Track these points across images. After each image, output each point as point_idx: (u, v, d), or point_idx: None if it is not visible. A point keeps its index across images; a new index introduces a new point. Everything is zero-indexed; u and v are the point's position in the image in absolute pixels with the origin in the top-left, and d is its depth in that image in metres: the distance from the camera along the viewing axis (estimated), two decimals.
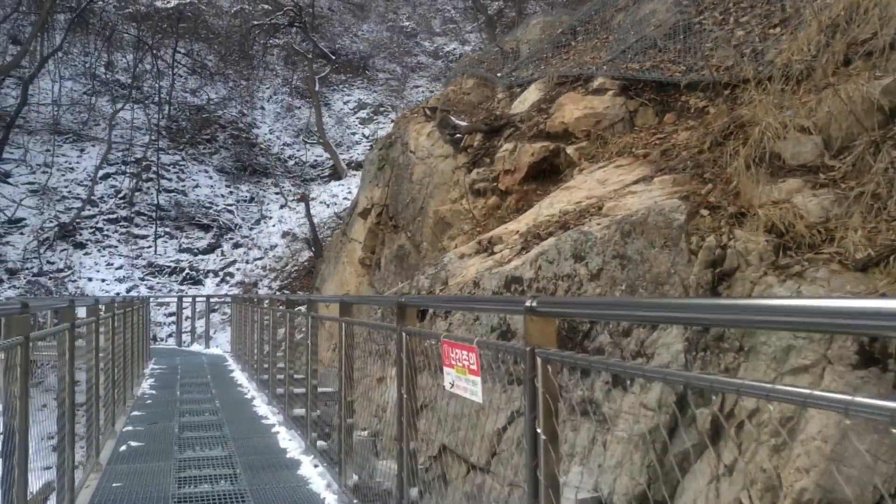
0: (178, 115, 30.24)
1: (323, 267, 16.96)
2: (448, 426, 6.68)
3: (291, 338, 10.01)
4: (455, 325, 7.85)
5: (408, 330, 4.13)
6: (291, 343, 9.97)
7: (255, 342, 13.40)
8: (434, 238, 12.65)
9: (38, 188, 24.45)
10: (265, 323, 12.17)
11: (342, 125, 34.04)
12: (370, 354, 7.53)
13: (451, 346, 3.20)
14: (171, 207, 26.15)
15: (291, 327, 10.04)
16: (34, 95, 26.55)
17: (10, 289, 21.35)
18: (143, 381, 12.92)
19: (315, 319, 8.11)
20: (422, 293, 9.22)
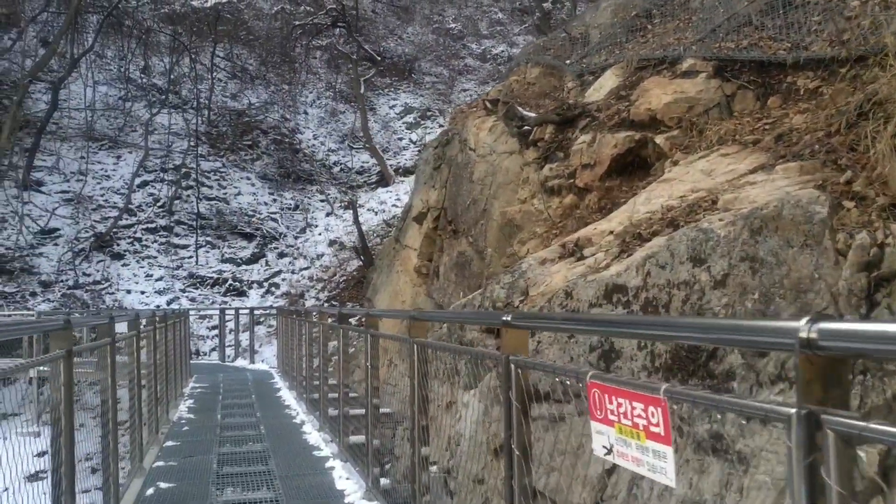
0: (219, 121, 30.01)
1: (374, 276, 16.21)
2: (542, 465, 5.79)
3: (345, 354, 9.22)
4: (545, 344, 6.94)
5: (520, 362, 3.17)
6: (345, 359, 9.19)
7: (303, 358, 12.71)
8: (500, 243, 11.77)
9: (73, 197, 24.31)
10: (314, 337, 11.44)
11: (388, 130, 33.47)
12: (436, 376, 6.72)
13: (610, 393, 2.26)
14: (213, 216, 25.80)
15: (345, 343, 9.25)
16: (66, 101, 26.54)
17: (45, 302, 21.12)
18: (181, 402, 12.29)
19: (376, 338, 7.28)
20: (497, 305, 8.32)
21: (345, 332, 8.95)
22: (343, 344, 9.12)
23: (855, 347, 1.44)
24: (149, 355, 8.85)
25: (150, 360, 8.86)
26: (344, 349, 9.16)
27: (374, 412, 6.93)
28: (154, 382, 9.45)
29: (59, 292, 21.59)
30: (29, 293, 21.36)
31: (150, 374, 9.16)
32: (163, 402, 10.33)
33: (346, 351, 9.19)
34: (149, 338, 9.18)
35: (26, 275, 21.75)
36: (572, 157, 10.48)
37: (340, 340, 9.18)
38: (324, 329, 10.64)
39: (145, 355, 8.52)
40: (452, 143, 14.10)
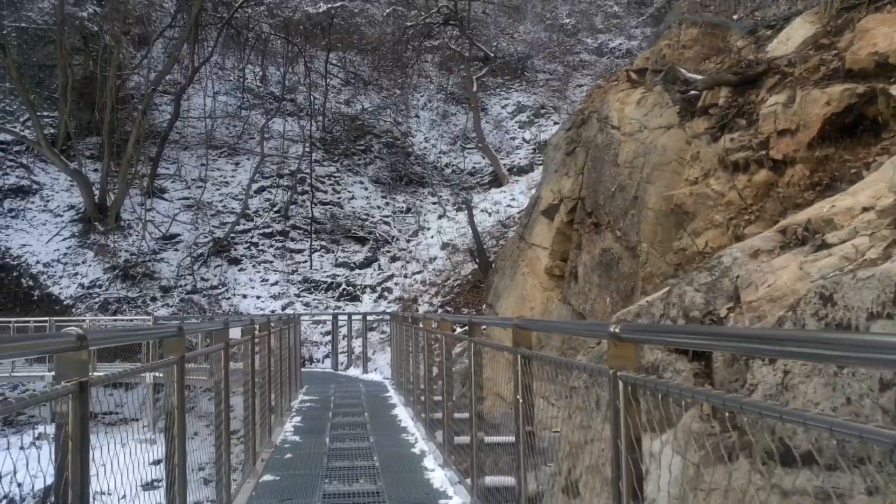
0: (332, 126, 28.47)
1: (496, 280, 13.77)
2: None
3: (477, 370, 6.83)
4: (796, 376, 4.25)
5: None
6: (478, 376, 6.79)
7: (420, 370, 10.48)
8: (659, 235, 9.07)
9: (193, 203, 23.18)
10: (433, 348, 9.18)
11: (500, 130, 31.09)
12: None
13: None
14: (327, 220, 24.14)
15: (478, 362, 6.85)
16: (188, 111, 25.60)
17: (164, 307, 19.92)
18: (287, 419, 10.25)
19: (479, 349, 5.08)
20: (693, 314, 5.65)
21: (478, 348, 6.57)
22: (475, 360, 6.77)
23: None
24: (261, 362, 7.53)
25: (262, 367, 7.67)
26: (476, 367, 6.84)
27: (526, 440, 4.46)
28: (262, 396, 7.65)
29: (177, 297, 20.37)
30: (150, 298, 20.24)
31: (263, 383, 7.85)
32: (265, 424, 8.33)
33: (479, 366, 6.87)
34: (262, 343, 8.29)
35: (148, 280, 20.67)
36: (762, 124, 7.69)
37: (471, 357, 6.81)
38: (448, 341, 8.30)
39: (258, 362, 7.65)
40: (589, 123, 11.49)
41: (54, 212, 21.65)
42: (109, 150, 21.24)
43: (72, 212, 21.75)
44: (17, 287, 19.48)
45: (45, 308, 19.12)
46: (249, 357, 7.88)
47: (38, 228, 20.92)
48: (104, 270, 20.32)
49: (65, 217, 21.54)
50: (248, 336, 7.21)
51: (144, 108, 21.45)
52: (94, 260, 20.46)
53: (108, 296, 19.77)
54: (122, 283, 20.31)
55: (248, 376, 7.35)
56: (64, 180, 22.08)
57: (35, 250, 20.25)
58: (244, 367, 7.47)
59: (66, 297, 19.46)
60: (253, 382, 7.66)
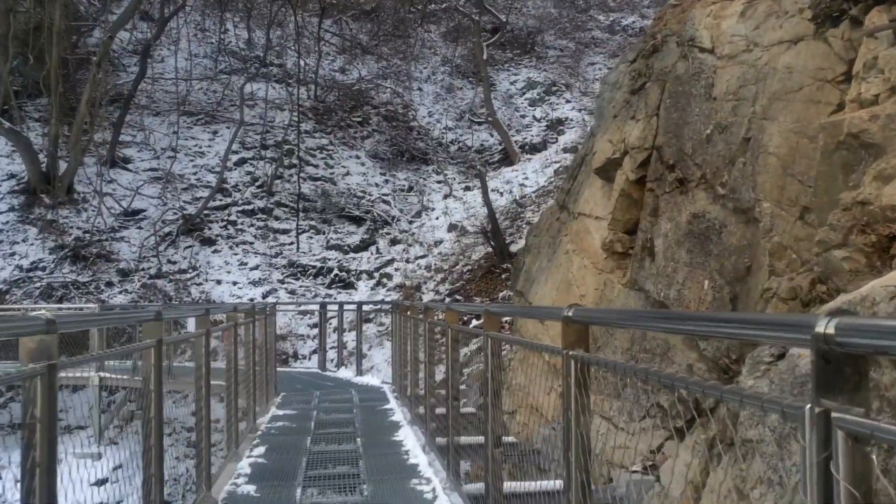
0: (325, 95, 25.39)
1: (527, 261, 10.76)
2: None
3: (497, 374, 4.76)
4: None
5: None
6: (496, 382, 4.79)
7: (429, 377, 7.66)
8: (790, 189, 6.11)
9: (162, 175, 20.07)
10: (446, 346, 6.41)
11: (510, 107, 28.10)
12: None
13: None
14: (318, 197, 21.09)
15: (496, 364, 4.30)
16: (162, 74, 22.47)
17: (122, 293, 16.86)
18: (246, 450, 7.27)
19: None
20: None
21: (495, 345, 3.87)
22: (494, 364, 4.72)
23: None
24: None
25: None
26: (495, 371, 4.84)
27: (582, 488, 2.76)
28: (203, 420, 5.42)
29: (138, 282, 17.31)
30: (105, 283, 17.17)
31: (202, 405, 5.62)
32: (202, 464, 5.47)
33: (497, 370, 4.71)
34: None
35: (103, 262, 17.60)
36: None
37: (490, 359, 4.37)
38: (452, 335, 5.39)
39: None
40: (665, 50, 8.50)
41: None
42: (57, 110, 18.09)
43: (12, 181, 18.64)
44: None
45: None
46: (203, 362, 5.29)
47: None
48: (49, 250, 17.23)
49: (2, 187, 18.45)
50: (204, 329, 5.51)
51: (100, 59, 18.30)
52: (38, 238, 17.36)
53: (53, 280, 16.69)
54: (72, 265, 17.23)
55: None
56: (4, 145, 18.97)
57: None
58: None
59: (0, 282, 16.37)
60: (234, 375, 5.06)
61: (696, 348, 6.79)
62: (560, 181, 20.78)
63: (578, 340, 2.80)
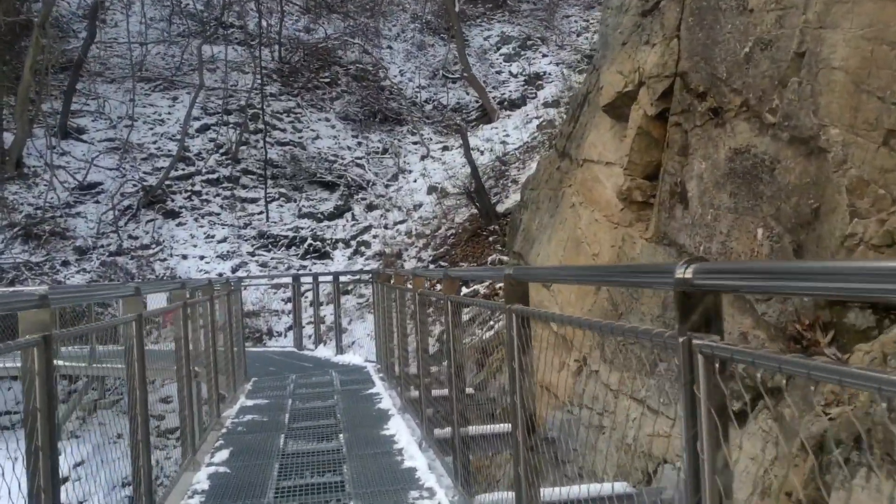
0: (290, 56, 23.45)
1: (524, 219, 9.30)
2: None
3: (521, 357, 3.22)
4: None
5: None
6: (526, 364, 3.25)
7: (423, 354, 6.29)
8: (870, 110, 4.70)
9: (119, 145, 18.18)
10: (446, 320, 5.02)
11: (485, 63, 26.40)
12: None
13: None
14: (286, 163, 19.37)
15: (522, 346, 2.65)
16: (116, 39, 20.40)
17: (79, 273, 15.14)
18: (208, 454, 5.83)
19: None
20: None
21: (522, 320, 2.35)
22: (520, 345, 2.79)
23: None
24: None
25: None
26: (520, 353, 2.71)
27: None
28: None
29: (97, 260, 15.57)
30: (60, 262, 15.41)
31: None
32: (144, 477, 4.02)
33: (522, 351, 2.71)
34: None
35: (58, 240, 15.81)
36: None
37: (518, 343, 2.75)
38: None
39: None
40: None
41: None
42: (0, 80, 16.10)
43: None
44: None
45: None
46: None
47: None
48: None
49: None
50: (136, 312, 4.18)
51: (42, 20, 16.28)
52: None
53: (3, 262, 14.90)
54: (24, 244, 15.43)
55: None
56: None
57: None
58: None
59: None
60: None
61: (752, 311, 5.41)
62: (543, 136, 19.29)
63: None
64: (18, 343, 2.34)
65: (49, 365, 2.48)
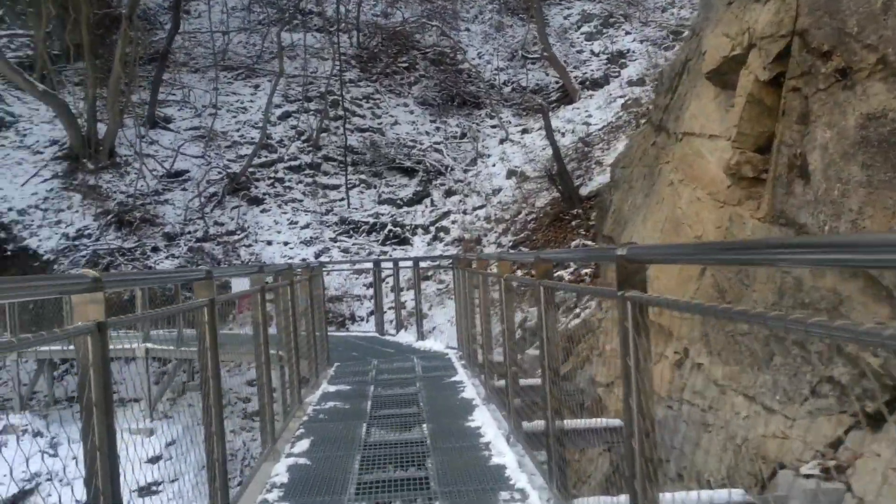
0: (368, 41, 23.32)
1: (615, 199, 8.71)
2: None
3: (639, 353, 2.59)
4: None
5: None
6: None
7: (509, 340, 5.87)
8: None
9: (204, 133, 18.48)
10: (538, 308, 4.52)
11: (565, 42, 25.55)
12: None
13: None
14: (366, 150, 19.26)
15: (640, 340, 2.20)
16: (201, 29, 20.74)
17: (168, 258, 15.47)
18: (286, 447, 5.62)
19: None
20: None
21: None
22: None
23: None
24: None
25: None
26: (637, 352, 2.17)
27: None
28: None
29: (185, 246, 15.88)
30: (150, 248, 15.80)
31: None
32: (218, 469, 3.76)
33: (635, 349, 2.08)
34: None
35: (148, 226, 16.22)
36: None
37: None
38: None
39: None
40: None
41: (32, 148, 17.30)
42: (92, 70, 16.58)
43: (54, 148, 17.34)
44: None
45: (22, 265, 14.87)
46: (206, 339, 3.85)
47: (11, 169, 16.59)
48: (94, 217, 15.91)
49: (45, 154, 17.17)
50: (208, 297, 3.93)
51: (130, 12, 16.66)
52: (82, 205, 16.06)
53: (98, 247, 15.39)
54: (117, 231, 15.89)
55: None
56: (46, 111, 17.64)
57: (8, 195, 15.95)
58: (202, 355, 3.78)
59: (46, 251, 15.13)
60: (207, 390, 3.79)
61: (888, 300, 4.74)
62: (629, 115, 18.43)
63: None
64: (74, 329, 2.09)
65: (104, 354, 2.21)
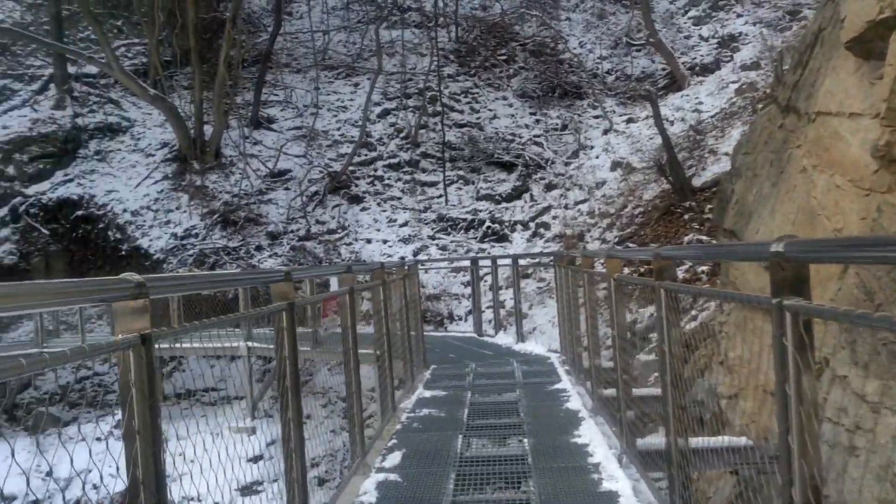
0: (466, 35, 22.93)
1: (737, 188, 7.86)
2: None
3: (800, 377, 1.90)
4: None
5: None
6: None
7: (619, 343, 5.20)
8: None
9: (305, 132, 18.68)
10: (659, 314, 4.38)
11: (671, 28, 24.22)
12: None
13: None
14: (464, 145, 18.88)
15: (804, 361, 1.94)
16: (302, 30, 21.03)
17: (271, 257, 15.68)
18: (377, 459, 5.26)
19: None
20: None
21: None
22: None
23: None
24: None
25: None
26: None
27: None
28: None
29: (287, 245, 16.05)
30: (254, 247, 16.09)
31: None
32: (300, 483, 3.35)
33: None
34: None
35: (252, 225, 16.52)
36: None
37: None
38: None
39: None
40: None
41: (145, 151, 18.04)
42: (199, 73, 17.07)
43: (165, 150, 18.02)
44: (103, 241, 16.01)
45: (135, 264, 15.48)
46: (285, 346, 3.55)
47: (126, 171, 17.36)
48: (201, 217, 16.39)
49: (157, 157, 17.86)
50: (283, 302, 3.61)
51: (233, 14, 17.02)
52: (190, 205, 16.57)
53: (205, 246, 15.81)
54: (223, 230, 16.28)
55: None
56: (157, 115, 18.36)
57: (122, 196, 16.68)
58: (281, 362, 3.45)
59: (157, 251, 15.69)
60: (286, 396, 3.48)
61: None
62: (744, 101, 17.09)
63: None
64: (113, 343, 1.84)
65: (150, 371, 1.91)
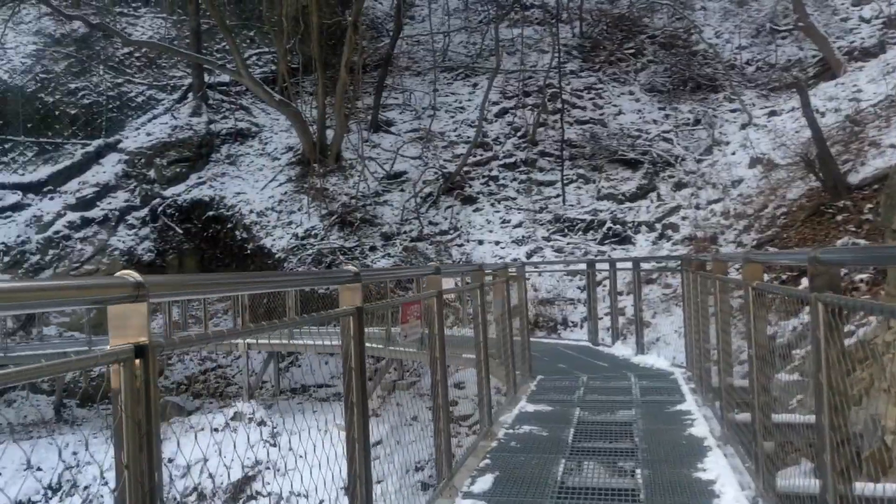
0: (591, 30, 21.85)
1: None
2: None
3: None
4: None
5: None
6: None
7: (757, 360, 4.14)
8: None
9: (422, 134, 18.44)
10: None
11: (825, 10, 21.87)
12: None
13: None
14: (585, 142, 17.88)
15: None
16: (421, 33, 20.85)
17: (384, 257, 15.48)
18: (465, 481, 4.62)
19: None
20: None
21: None
22: None
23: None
24: None
25: None
26: None
27: None
28: None
29: (400, 245, 15.81)
30: (368, 247, 15.98)
31: None
32: None
33: None
34: None
35: (367, 226, 16.44)
36: None
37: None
38: None
39: None
40: None
41: (272, 155, 18.52)
42: (322, 80, 17.25)
43: (289, 154, 18.42)
44: (231, 240, 16.53)
45: (258, 263, 15.84)
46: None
47: (254, 174, 17.89)
48: (320, 218, 16.54)
49: (282, 160, 18.27)
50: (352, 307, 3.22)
51: (354, 18, 17.03)
52: (311, 206, 16.78)
53: (323, 246, 15.90)
54: (340, 231, 16.33)
55: None
56: (284, 120, 18.82)
57: (250, 198, 17.18)
58: None
59: (279, 250, 15.97)
60: None
61: None
62: None
63: None
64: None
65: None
